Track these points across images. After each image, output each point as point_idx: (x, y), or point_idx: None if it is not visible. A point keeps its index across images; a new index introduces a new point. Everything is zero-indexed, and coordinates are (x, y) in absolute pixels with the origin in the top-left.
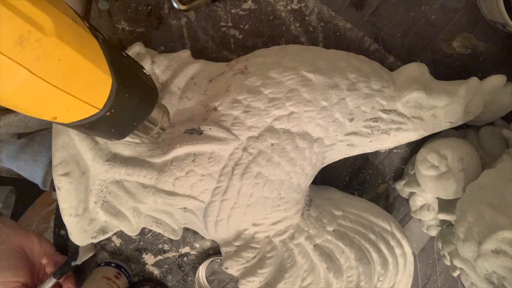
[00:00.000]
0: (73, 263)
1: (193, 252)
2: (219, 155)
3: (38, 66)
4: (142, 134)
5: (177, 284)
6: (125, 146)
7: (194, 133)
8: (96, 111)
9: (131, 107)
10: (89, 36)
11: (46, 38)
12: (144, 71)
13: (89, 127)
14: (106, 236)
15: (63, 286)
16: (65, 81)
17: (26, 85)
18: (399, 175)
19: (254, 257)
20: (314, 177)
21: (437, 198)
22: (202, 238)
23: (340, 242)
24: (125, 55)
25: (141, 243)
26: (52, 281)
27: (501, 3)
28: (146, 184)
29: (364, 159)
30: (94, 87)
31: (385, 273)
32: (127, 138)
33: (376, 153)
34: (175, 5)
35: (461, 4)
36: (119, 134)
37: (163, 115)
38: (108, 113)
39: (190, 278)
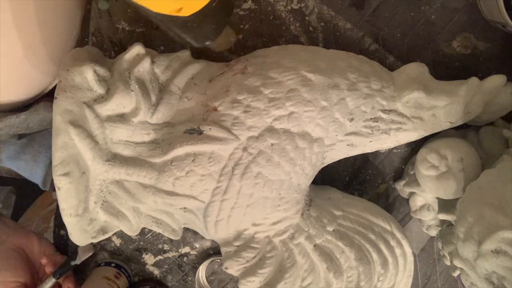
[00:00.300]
0: (72, 263)
1: (193, 252)
2: (219, 155)
3: None
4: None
5: (177, 284)
6: (125, 146)
7: (194, 133)
8: (208, 0)
9: (224, 1)
10: None
11: None
12: None
13: (201, 19)
14: (106, 236)
15: (63, 286)
16: None
17: None
18: (399, 175)
19: (254, 257)
20: (314, 177)
21: (437, 198)
22: (202, 238)
23: (340, 242)
24: None
25: (141, 243)
26: (52, 281)
27: (501, 3)
28: (146, 184)
29: (364, 159)
30: None
31: (385, 273)
32: (128, 138)
33: (376, 153)
34: None
35: (461, 4)
36: (216, 30)
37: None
38: (214, 4)
39: (190, 278)
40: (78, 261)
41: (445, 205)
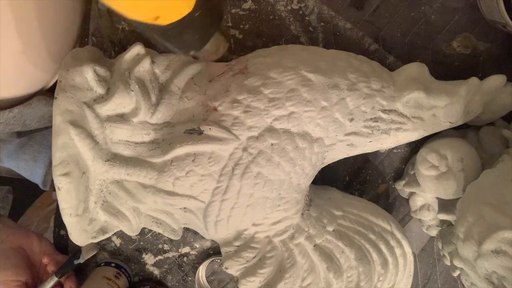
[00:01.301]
0: (76, 262)
1: (193, 252)
2: (219, 155)
3: None
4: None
5: (177, 284)
6: (125, 146)
7: (194, 133)
8: (189, 10)
9: (212, 10)
10: None
11: None
12: None
13: (182, 29)
14: (106, 236)
15: (65, 285)
16: None
17: None
18: (399, 175)
19: (254, 257)
20: (314, 177)
21: (437, 198)
22: (202, 238)
23: (340, 242)
24: None
25: (141, 243)
26: (54, 280)
27: (501, 3)
28: (146, 184)
29: (364, 159)
30: None
31: (385, 273)
32: (128, 138)
33: (376, 153)
34: None
35: (461, 4)
36: (200, 41)
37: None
38: (196, 14)
39: (190, 278)
40: (82, 260)
41: (445, 205)
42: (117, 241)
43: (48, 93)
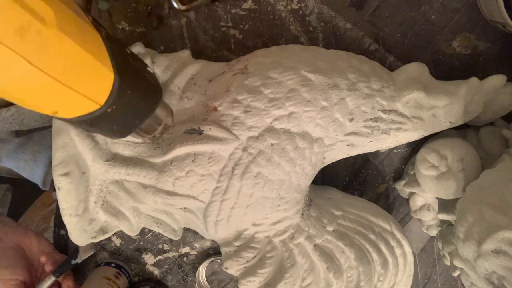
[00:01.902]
0: (73, 262)
1: (193, 252)
2: (219, 155)
3: (38, 58)
4: (144, 133)
5: (177, 284)
6: (125, 146)
7: (194, 133)
8: (97, 106)
9: (133, 105)
10: (92, 30)
11: (47, 29)
12: (148, 69)
13: (90, 123)
14: (106, 236)
15: (62, 285)
16: (66, 74)
17: (26, 77)
18: (399, 175)
19: (254, 257)
20: (314, 177)
21: (437, 198)
22: (202, 238)
23: (340, 242)
24: (129, 51)
25: (141, 243)
26: (51, 279)
27: (501, 3)
28: (146, 184)
29: (364, 159)
30: (95, 81)
31: (385, 273)
32: (128, 138)
33: (376, 153)
34: (175, 5)
35: (461, 4)
36: (121, 132)
37: (167, 115)
38: (109, 110)
39: (190, 278)
40: (79, 260)
41: (445, 205)
42: (117, 241)
43: None
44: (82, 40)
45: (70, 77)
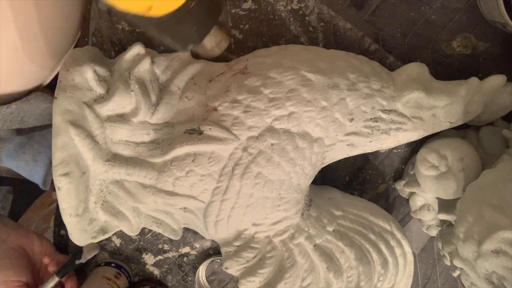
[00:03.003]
0: (77, 262)
1: (193, 252)
2: (219, 155)
3: None
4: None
5: (177, 284)
6: (125, 146)
7: (194, 133)
8: (183, 1)
9: (207, 4)
10: None
11: None
12: None
13: (177, 21)
14: (106, 236)
15: (66, 286)
16: None
17: None
18: (399, 175)
19: (254, 257)
20: (314, 177)
21: (437, 198)
22: (202, 238)
23: (340, 242)
24: None
25: (141, 243)
26: (55, 280)
27: (501, 3)
28: (146, 184)
29: (364, 159)
30: None
31: (385, 273)
32: (128, 138)
33: (376, 153)
34: None
35: (461, 4)
36: (198, 34)
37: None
38: (192, 4)
39: (190, 278)
40: (83, 260)
41: (445, 205)
42: (117, 241)
43: (46, 89)
44: None
45: None
